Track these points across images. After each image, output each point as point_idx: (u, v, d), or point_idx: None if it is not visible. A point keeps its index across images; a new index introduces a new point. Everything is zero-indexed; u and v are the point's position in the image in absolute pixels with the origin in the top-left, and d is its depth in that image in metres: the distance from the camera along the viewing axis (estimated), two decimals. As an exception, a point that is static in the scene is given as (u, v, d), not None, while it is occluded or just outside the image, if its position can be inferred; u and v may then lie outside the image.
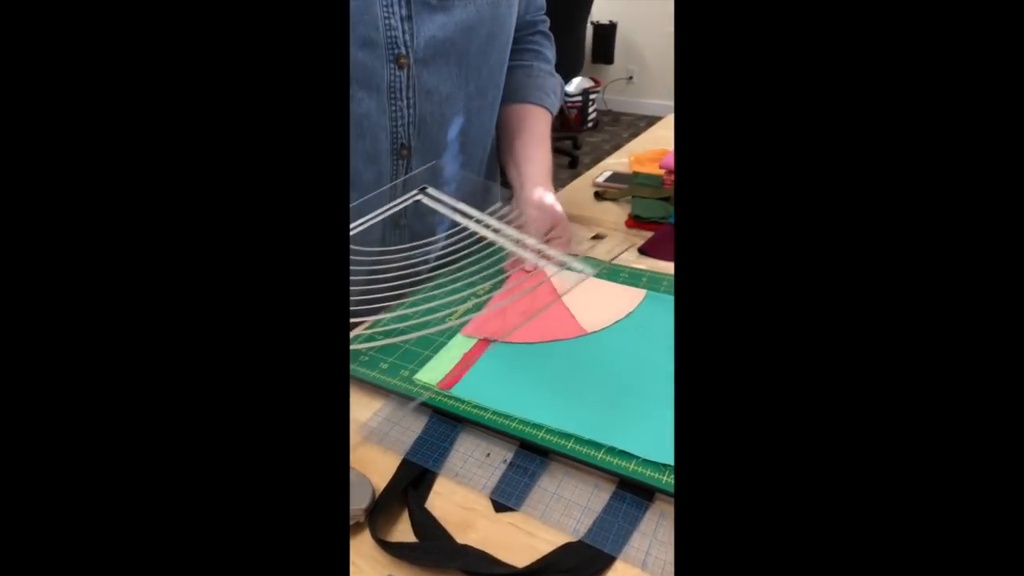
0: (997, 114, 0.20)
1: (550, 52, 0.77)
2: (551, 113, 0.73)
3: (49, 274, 0.21)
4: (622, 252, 0.60)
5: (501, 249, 0.55)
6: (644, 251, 0.69)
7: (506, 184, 0.68)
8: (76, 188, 0.21)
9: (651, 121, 3.82)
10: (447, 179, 0.64)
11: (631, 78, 3.98)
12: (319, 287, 0.24)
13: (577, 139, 3.38)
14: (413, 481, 0.40)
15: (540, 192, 0.63)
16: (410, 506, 0.38)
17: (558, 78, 0.76)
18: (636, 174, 0.89)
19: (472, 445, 0.43)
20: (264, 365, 0.23)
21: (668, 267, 0.65)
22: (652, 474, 0.38)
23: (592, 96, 3.65)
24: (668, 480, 0.38)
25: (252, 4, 0.23)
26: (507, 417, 0.43)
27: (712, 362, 0.22)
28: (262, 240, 0.23)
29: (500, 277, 0.57)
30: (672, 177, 0.81)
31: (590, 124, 3.73)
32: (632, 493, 0.38)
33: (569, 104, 3.62)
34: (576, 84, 3.58)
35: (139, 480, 0.21)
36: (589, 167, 1.01)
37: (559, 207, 0.63)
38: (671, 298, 0.57)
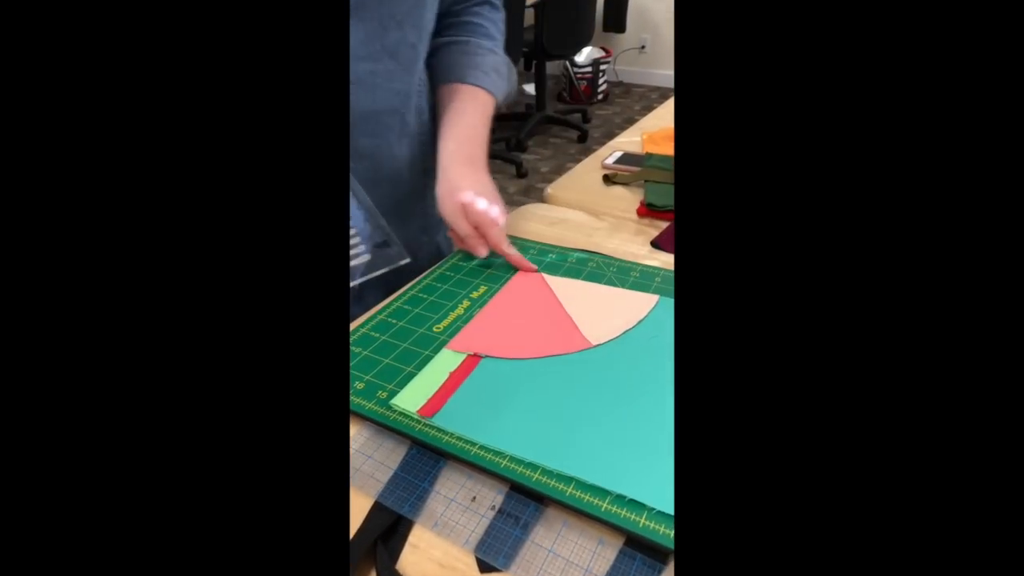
0: (999, 112, 0.19)
1: (495, 27, 0.67)
2: (491, 94, 0.63)
3: (28, 268, 0.20)
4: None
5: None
6: (657, 244, 0.62)
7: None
8: (75, 181, 0.20)
9: (664, 93, 3.69)
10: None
11: (644, 48, 3.83)
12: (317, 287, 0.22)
13: (587, 112, 3.27)
14: (384, 532, 0.34)
15: (447, 188, 0.56)
16: (378, 566, 0.32)
17: (503, 56, 0.66)
18: (649, 155, 0.82)
19: (455, 486, 0.37)
20: (256, 380, 0.21)
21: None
22: (667, 531, 0.32)
23: (603, 67, 3.52)
24: (686, 540, 0.31)
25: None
26: (497, 453, 0.37)
27: (716, 385, 0.20)
28: (256, 239, 0.22)
29: None
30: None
31: (600, 96, 3.61)
32: (643, 553, 0.32)
33: (579, 75, 3.50)
34: (586, 54, 3.46)
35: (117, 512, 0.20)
36: (600, 141, 0.93)
37: (479, 202, 0.55)
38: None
